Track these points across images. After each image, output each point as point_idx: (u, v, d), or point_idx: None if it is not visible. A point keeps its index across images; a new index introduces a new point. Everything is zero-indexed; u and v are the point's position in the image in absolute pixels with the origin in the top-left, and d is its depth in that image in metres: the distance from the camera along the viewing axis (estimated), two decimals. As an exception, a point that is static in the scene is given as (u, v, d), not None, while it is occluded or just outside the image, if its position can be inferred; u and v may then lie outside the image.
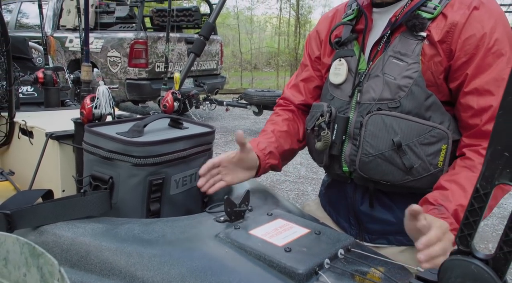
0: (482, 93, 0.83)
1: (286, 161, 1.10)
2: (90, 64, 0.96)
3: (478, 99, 0.84)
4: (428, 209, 0.79)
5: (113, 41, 5.16)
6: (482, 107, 0.83)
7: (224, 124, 6.15)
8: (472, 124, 0.86)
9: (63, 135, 0.98)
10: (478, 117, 0.84)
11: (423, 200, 0.84)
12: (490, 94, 0.83)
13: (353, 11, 1.01)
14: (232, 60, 16.02)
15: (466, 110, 0.86)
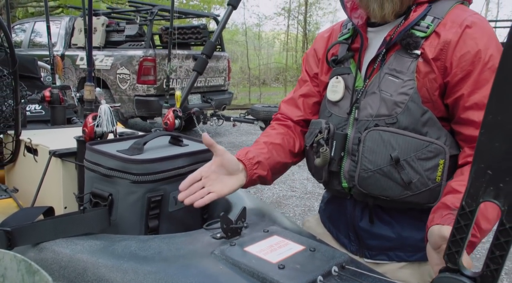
0: (482, 107, 0.85)
1: (277, 175, 1.07)
2: (93, 84, 0.99)
3: (479, 114, 0.85)
4: (443, 214, 0.78)
5: (123, 58, 5.26)
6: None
7: (232, 139, 6.18)
8: (474, 136, 0.86)
9: (66, 152, 1.00)
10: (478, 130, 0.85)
11: (438, 206, 0.82)
12: None
13: (349, 30, 1.03)
14: (240, 76, 16.18)
15: (468, 124, 0.87)
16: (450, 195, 0.83)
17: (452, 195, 0.82)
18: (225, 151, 0.91)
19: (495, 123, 0.46)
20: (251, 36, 16.28)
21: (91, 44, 0.97)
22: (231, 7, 1.47)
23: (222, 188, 0.89)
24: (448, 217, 0.75)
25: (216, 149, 0.89)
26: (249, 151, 0.98)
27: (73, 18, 6.05)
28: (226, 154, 0.91)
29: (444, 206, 0.80)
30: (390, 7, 0.90)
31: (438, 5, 0.91)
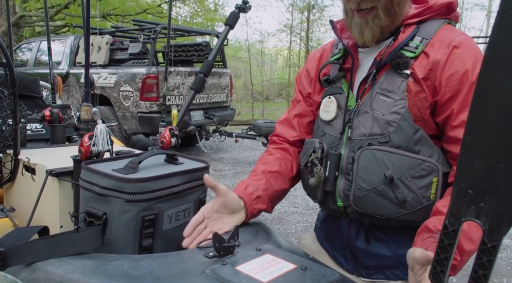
0: None
1: (277, 202, 1.08)
2: (90, 104, 1.00)
3: None
4: (424, 237, 0.79)
5: (126, 76, 5.33)
6: None
7: (234, 155, 6.19)
8: None
9: (63, 172, 1.01)
10: None
11: (422, 228, 0.83)
12: None
13: (340, 50, 1.05)
14: (243, 92, 16.30)
15: (456, 142, 0.88)
16: (434, 217, 0.84)
17: (436, 217, 0.83)
18: (227, 190, 0.92)
19: (474, 143, 0.47)
20: (254, 52, 16.48)
21: (88, 65, 0.99)
22: (229, 27, 1.50)
23: (224, 227, 0.91)
24: (428, 240, 0.76)
25: (219, 189, 0.91)
26: (248, 185, 0.99)
27: (78, 37, 6.16)
28: (229, 194, 0.92)
29: (426, 229, 0.81)
30: (370, 34, 0.93)
31: (425, 25, 0.93)
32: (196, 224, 0.90)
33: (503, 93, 0.43)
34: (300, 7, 13.81)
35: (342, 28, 1.05)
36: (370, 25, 0.92)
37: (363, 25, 0.93)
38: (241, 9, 1.50)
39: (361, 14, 0.92)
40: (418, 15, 0.94)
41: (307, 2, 13.52)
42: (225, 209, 0.92)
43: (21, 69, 6.52)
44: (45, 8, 1.48)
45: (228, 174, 4.93)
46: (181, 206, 0.96)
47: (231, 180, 4.68)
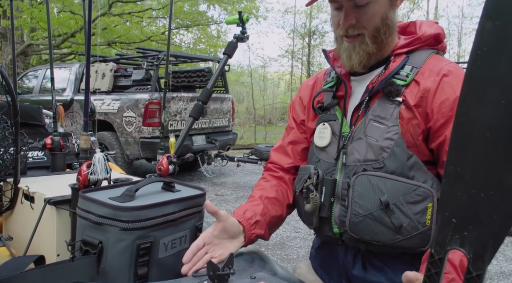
0: None
1: (274, 229, 1.08)
2: (89, 133, 1.03)
3: None
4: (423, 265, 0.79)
5: (129, 102, 5.41)
6: None
7: (236, 179, 6.18)
8: None
9: (61, 200, 1.02)
10: None
11: (425, 255, 0.83)
12: None
13: (333, 78, 1.08)
14: (246, 116, 16.43)
15: None
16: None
17: None
18: (228, 216, 0.93)
19: (455, 173, 0.48)
20: (256, 77, 16.72)
21: (88, 96, 1.02)
22: (227, 56, 1.55)
23: (224, 252, 0.91)
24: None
25: (219, 215, 0.92)
26: (247, 210, 1.00)
27: (83, 64, 6.29)
28: (229, 219, 0.94)
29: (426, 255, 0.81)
30: (357, 58, 0.96)
31: (415, 55, 0.96)
32: (196, 250, 0.90)
33: (480, 126, 0.45)
34: (301, 33, 14.09)
35: (334, 57, 1.08)
36: (357, 50, 0.96)
37: (351, 50, 0.97)
38: (239, 39, 1.54)
39: (349, 39, 0.97)
40: (407, 45, 0.98)
41: (307, 29, 13.80)
42: (225, 234, 0.93)
43: (26, 96, 6.64)
44: (49, 40, 1.53)
45: (230, 199, 4.91)
46: (177, 233, 0.96)
47: (233, 204, 4.66)
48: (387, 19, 0.95)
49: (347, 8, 0.93)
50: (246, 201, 1.08)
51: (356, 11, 0.93)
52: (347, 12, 0.93)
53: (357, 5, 0.92)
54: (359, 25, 0.94)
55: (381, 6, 0.93)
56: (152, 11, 11.38)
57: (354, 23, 0.93)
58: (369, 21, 0.93)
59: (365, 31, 0.94)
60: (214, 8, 12.17)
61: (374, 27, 0.94)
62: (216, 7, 11.98)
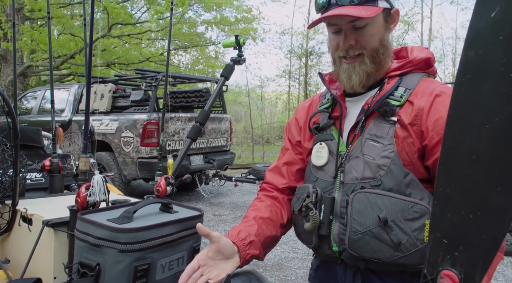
0: None
1: (269, 249, 1.09)
2: (88, 155, 1.04)
3: None
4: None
5: (127, 122, 5.44)
6: None
7: (234, 199, 6.16)
8: None
9: (59, 222, 1.03)
10: None
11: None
12: None
13: (328, 100, 1.11)
14: (244, 135, 16.48)
15: None
16: None
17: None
18: (221, 236, 0.94)
19: (445, 195, 0.49)
20: (254, 97, 16.85)
21: (88, 118, 1.04)
22: (224, 78, 1.57)
23: (220, 273, 0.91)
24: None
25: (212, 236, 0.92)
26: (241, 231, 1.01)
27: (82, 86, 6.35)
28: (222, 240, 0.94)
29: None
30: (357, 79, 0.99)
31: (407, 77, 1.00)
32: (191, 272, 0.90)
33: (466, 149, 0.47)
34: (298, 53, 14.30)
35: (330, 79, 1.12)
36: (357, 70, 0.99)
37: (351, 70, 1.00)
38: (236, 62, 1.58)
39: (348, 60, 1.00)
40: (400, 68, 1.01)
41: (304, 49, 14.02)
42: (220, 255, 0.93)
43: (25, 117, 6.66)
44: (50, 63, 1.56)
45: (228, 219, 4.88)
46: (174, 255, 0.96)
47: (231, 225, 4.63)
48: (384, 41, 0.99)
49: (346, 30, 0.97)
50: (241, 222, 1.09)
51: (355, 32, 0.96)
52: (347, 34, 0.97)
53: (355, 27, 0.96)
54: (358, 46, 0.97)
55: (378, 28, 0.98)
56: (151, 33, 11.56)
57: (353, 44, 0.97)
58: (367, 42, 0.97)
59: (364, 51, 0.98)
60: (212, 29, 12.37)
61: (373, 48, 0.98)
62: (214, 28, 12.19)
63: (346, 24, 0.96)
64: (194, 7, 11.33)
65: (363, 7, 0.93)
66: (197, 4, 11.04)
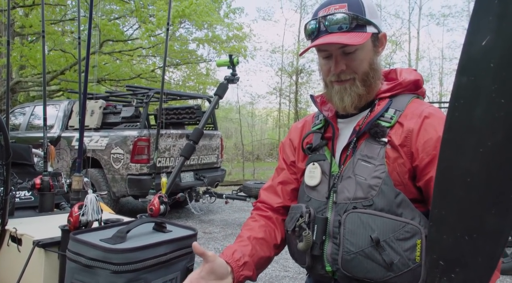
0: None
1: (261, 270, 1.08)
2: (82, 174, 1.03)
3: None
4: None
5: (118, 139, 5.40)
6: None
7: (224, 217, 6.11)
8: None
9: (50, 242, 1.01)
10: None
11: None
12: None
13: (321, 121, 1.13)
14: (234, 152, 16.46)
15: None
16: None
17: None
18: (215, 256, 0.93)
19: (440, 217, 0.50)
20: (244, 113, 16.93)
21: (82, 137, 1.04)
22: (218, 97, 1.59)
23: None
24: None
25: (207, 256, 0.92)
26: (236, 251, 1.00)
27: (72, 102, 6.32)
28: (217, 260, 0.93)
29: None
30: (349, 100, 1.01)
31: (397, 99, 1.02)
32: None
33: (461, 172, 0.48)
34: (288, 71, 14.48)
35: (322, 101, 1.14)
36: (349, 92, 1.01)
37: (343, 92, 1.02)
38: (229, 81, 1.59)
39: (340, 83, 1.02)
40: (390, 90, 1.04)
41: (295, 67, 14.20)
42: (212, 276, 0.92)
43: (13, 133, 6.58)
44: (44, 79, 1.55)
45: (218, 237, 4.82)
46: (168, 275, 0.95)
47: (221, 243, 4.58)
48: (373, 64, 1.02)
49: (336, 56, 0.99)
50: (234, 241, 1.09)
51: (345, 58, 0.99)
52: (337, 59, 0.99)
53: (345, 52, 0.98)
54: (349, 71, 1.00)
55: (368, 52, 1.00)
56: (142, 50, 11.61)
57: (344, 68, 0.99)
58: (358, 66, 1.00)
59: (355, 75, 1.00)
60: (204, 47, 12.48)
61: (363, 72, 1.00)
62: (205, 46, 12.31)
63: (336, 50, 0.99)
64: (185, 24, 11.46)
65: (352, 34, 0.96)
66: (188, 22, 11.16)
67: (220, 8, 11.84)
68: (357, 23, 0.96)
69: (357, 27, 0.96)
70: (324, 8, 1.00)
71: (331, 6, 0.98)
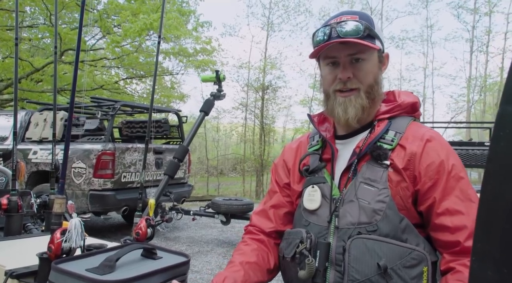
0: (454, 213, 0.90)
1: None
2: (64, 196, 0.94)
3: (451, 219, 0.90)
4: None
5: (79, 152, 5.15)
6: (457, 226, 0.89)
7: (190, 234, 5.94)
8: (452, 241, 0.90)
9: (25, 272, 0.91)
10: (456, 235, 0.89)
11: None
12: (461, 214, 0.90)
13: (318, 142, 1.10)
14: (198, 166, 16.21)
15: (443, 230, 0.91)
16: None
17: None
18: None
19: (484, 251, 0.48)
20: (209, 127, 16.78)
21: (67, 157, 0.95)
22: (204, 113, 1.54)
23: None
24: None
25: None
26: (227, 277, 0.95)
27: (29, 112, 5.98)
28: None
29: None
30: (353, 112, 0.99)
31: (396, 121, 1.02)
32: None
33: (506, 204, 0.46)
34: (255, 87, 14.57)
35: (319, 120, 1.11)
36: (353, 103, 0.99)
37: (347, 103, 0.99)
38: (216, 97, 1.55)
39: (344, 94, 1.00)
40: (389, 111, 1.03)
41: (261, 83, 14.32)
42: None
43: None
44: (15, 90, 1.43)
45: (185, 255, 4.67)
46: (160, 307, 0.88)
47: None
48: (378, 79, 1.02)
49: (345, 63, 0.98)
50: (225, 267, 1.03)
51: (352, 66, 0.98)
52: (346, 66, 0.98)
53: (354, 59, 0.98)
54: (355, 80, 0.99)
55: (374, 66, 1.00)
56: (105, 61, 11.28)
57: (351, 76, 0.98)
58: (364, 77, 0.99)
59: (361, 85, 0.99)
60: (170, 59, 12.32)
61: (368, 84, 0.99)
62: (171, 59, 12.15)
63: (345, 56, 0.98)
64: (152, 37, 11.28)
65: (365, 41, 0.96)
66: (155, 34, 10.99)
67: (188, 21, 11.78)
68: (369, 32, 0.97)
69: (369, 37, 0.97)
70: (335, 17, 1.00)
71: (342, 16, 0.99)
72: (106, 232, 5.89)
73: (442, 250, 0.92)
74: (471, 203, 0.90)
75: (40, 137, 5.61)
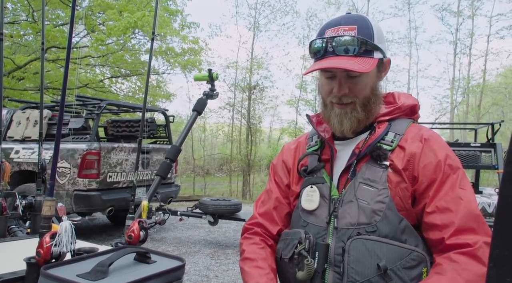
0: (443, 210, 0.90)
1: None
2: (54, 198, 0.90)
3: (440, 217, 0.90)
4: None
5: (63, 151, 5.03)
6: (445, 223, 0.88)
7: (177, 234, 5.88)
8: (437, 239, 0.89)
9: (12, 278, 0.86)
10: (441, 232, 0.89)
11: None
12: (449, 211, 0.89)
13: (316, 142, 1.09)
14: (184, 166, 16.09)
15: (432, 228, 0.91)
16: None
17: None
18: None
19: (502, 257, 0.47)
20: (195, 127, 16.67)
21: (57, 156, 0.91)
22: (196, 113, 1.51)
23: None
24: None
25: None
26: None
27: (11, 111, 5.83)
28: None
29: None
30: (348, 124, 0.99)
31: (396, 123, 1.02)
32: None
33: (528, 208, 0.45)
34: (242, 86, 14.54)
35: (318, 121, 1.10)
36: (349, 116, 0.99)
37: (342, 116, 0.99)
38: (208, 96, 1.52)
39: (340, 106, 1.00)
40: (389, 113, 1.03)
41: (248, 83, 14.30)
42: None
43: None
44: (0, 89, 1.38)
45: (172, 257, 4.61)
46: (155, 314, 0.84)
47: (176, 263, 4.37)
48: (375, 90, 1.01)
49: (340, 78, 0.97)
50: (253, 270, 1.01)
51: (349, 81, 0.97)
52: (341, 82, 0.97)
53: (349, 75, 0.96)
54: (351, 94, 0.98)
55: (371, 78, 0.99)
56: (90, 59, 11.08)
57: (347, 92, 0.97)
58: (360, 91, 0.98)
59: (357, 99, 0.99)
60: (157, 59, 12.18)
61: (365, 97, 0.99)
62: (158, 58, 12.01)
63: (341, 72, 0.97)
64: (137, 35, 11.13)
65: (360, 59, 0.94)
66: (141, 33, 10.85)
67: (175, 21, 11.67)
68: (365, 48, 0.95)
69: (365, 52, 0.95)
70: (332, 28, 0.97)
71: (340, 27, 0.96)
72: (91, 233, 5.78)
73: (433, 250, 0.92)
74: (460, 201, 0.89)
75: (23, 136, 5.47)
